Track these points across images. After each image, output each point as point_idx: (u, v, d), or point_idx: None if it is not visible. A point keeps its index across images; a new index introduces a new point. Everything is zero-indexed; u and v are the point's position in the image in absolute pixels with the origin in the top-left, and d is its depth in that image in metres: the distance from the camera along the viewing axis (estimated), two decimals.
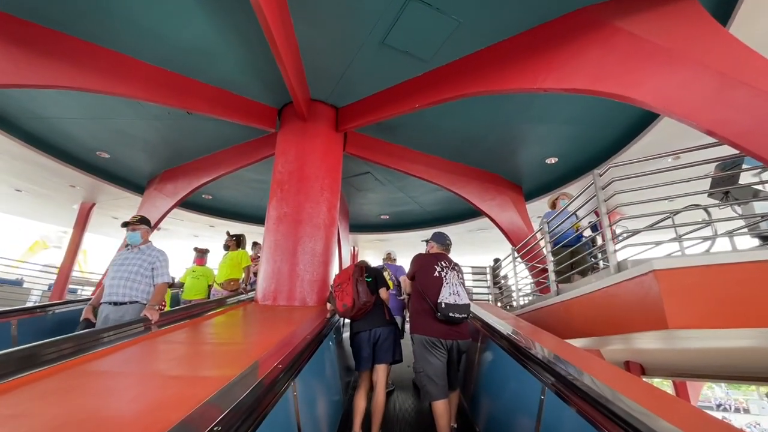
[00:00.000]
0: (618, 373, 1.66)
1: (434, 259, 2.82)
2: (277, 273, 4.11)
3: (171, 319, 2.65)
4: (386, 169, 7.22)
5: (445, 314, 2.50)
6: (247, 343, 2.33)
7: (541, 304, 4.77)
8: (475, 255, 14.52)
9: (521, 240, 6.65)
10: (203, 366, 1.79)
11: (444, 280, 2.64)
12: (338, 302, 2.89)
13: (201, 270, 5.55)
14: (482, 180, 6.93)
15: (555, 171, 6.98)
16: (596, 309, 3.30)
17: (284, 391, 1.48)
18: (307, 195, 4.45)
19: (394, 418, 3.13)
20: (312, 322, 2.76)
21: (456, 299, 2.55)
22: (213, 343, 2.31)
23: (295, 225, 4.29)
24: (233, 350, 2.13)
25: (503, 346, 2.42)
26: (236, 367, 1.56)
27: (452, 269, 2.76)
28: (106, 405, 1.30)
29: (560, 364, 1.65)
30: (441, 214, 9.86)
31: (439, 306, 2.53)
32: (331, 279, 4.62)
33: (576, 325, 3.70)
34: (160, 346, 2.10)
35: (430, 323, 2.59)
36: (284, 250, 4.20)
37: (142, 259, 2.99)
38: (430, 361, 2.52)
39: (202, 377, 1.59)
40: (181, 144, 6.46)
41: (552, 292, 4.45)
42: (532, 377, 1.85)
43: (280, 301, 3.98)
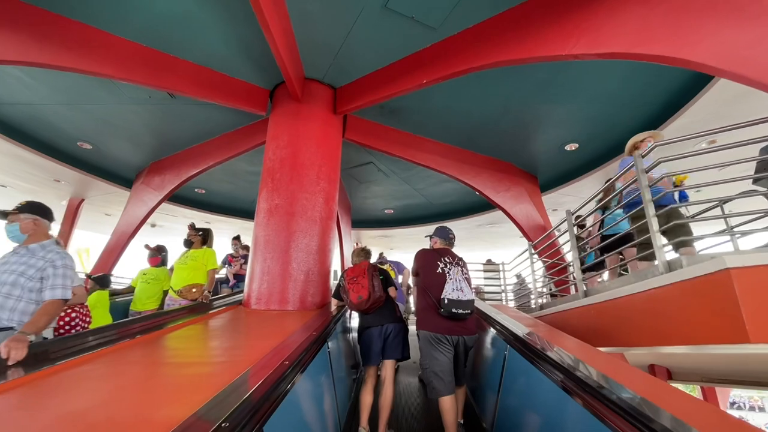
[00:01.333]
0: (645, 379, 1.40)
1: (437, 255, 2.76)
2: (267, 273, 3.67)
3: (125, 333, 2.21)
4: (390, 159, 6.76)
5: (448, 310, 2.49)
6: (219, 362, 1.89)
7: (564, 306, 4.29)
8: (485, 251, 14.05)
9: (538, 235, 6.17)
10: (154, 399, 1.35)
11: (447, 276, 2.61)
12: (352, 294, 2.86)
13: (154, 272, 4.39)
14: (495, 169, 6.44)
15: (574, 159, 6.46)
16: (638, 315, 2.82)
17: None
18: (301, 184, 4.00)
19: (400, 414, 3.13)
20: (305, 332, 2.32)
21: (459, 295, 2.52)
22: (177, 363, 1.87)
23: (287, 218, 3.85)
24: (201, 374, 1.69)
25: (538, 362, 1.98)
26: (197, 399, 1.13)
27: (456, 265, 2.71)
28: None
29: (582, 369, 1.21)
30: (449, 208, 9.37)
31: (442, 302, 2.51)
32: (331, 279, 4.19)
33: (610, 332, 3.23)
34: (99, 371, 1.66)
35: (434, 319, 2.57)
36: (275, 246, 3.75)
37: (28, 264, 2.02)
38: (436, 357, 2.51)
39: (146, 419, 1.16)
40: (167, 133, 6.03)
41: (578, 293, 3.98)
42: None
43: (270, 305, 3.55)
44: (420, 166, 5.85)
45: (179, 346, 2.16)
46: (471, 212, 9.11)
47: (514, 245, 13.01)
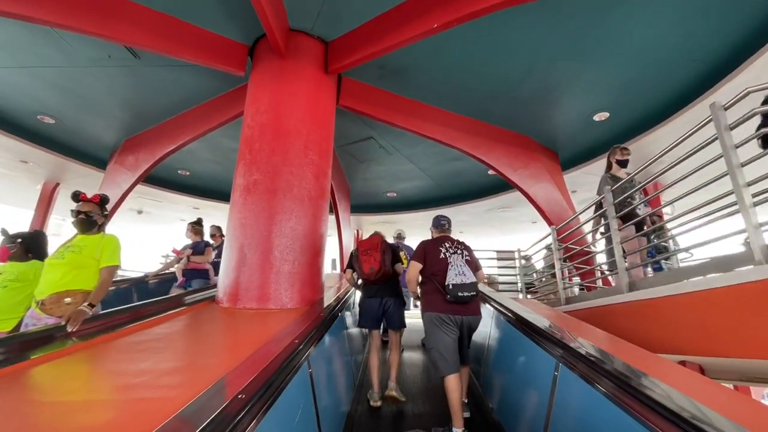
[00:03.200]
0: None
1: (437, 244, 2.90)
2: (243, 263, 3.04)
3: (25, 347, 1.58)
4: (393, 134, 6.06)
5: (454, 295, 2.60)
6: (133, 402, 1.26)
7: (600, 302, 3.67)
8: (492, 238, 13.43)
9: (560, 219, 5.52)
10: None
11: (449, 262, 2.74)
12: (365, 265, 3.11)
13: (14, 270, 2.61)
14: (511, 143, 5.73)
15: (603, 131, 5.74)
16: (723, 316, 2.19)
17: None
18: (285, 156, 3.34)
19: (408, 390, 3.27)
20: (281, 341, 1.70)
21: (462, 279, 2.65)
22: (65, 403, 1.25)
23: (268, 197, 3.19)
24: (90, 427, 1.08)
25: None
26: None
27: (455, 250, 2.85)
28: None
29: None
30: (456, 190, 8.68)
31: (447, 288, 2.62)
32: (329, 268, 3.58)
33: (672, 336, 2.61)
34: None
35: (440, 303, 2.68)
36: (254, 231, 3.11)
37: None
38: (440, 337, 2.61)
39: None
40: (136, 103, 5.34)
41: (620, 285, 3.34)
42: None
43: (247, 302, 2.93)
44: (426, 138, 5.16)
45: (90, 371, 1.54)
46: (481, 195, 8.43)
47: (524, 231, 12.38)
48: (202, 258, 4.80)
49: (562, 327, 2.05)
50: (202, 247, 4.89)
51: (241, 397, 1.14)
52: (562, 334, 1.80)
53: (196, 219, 5.17)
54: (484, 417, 2.68)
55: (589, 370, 1.50)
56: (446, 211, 9.55)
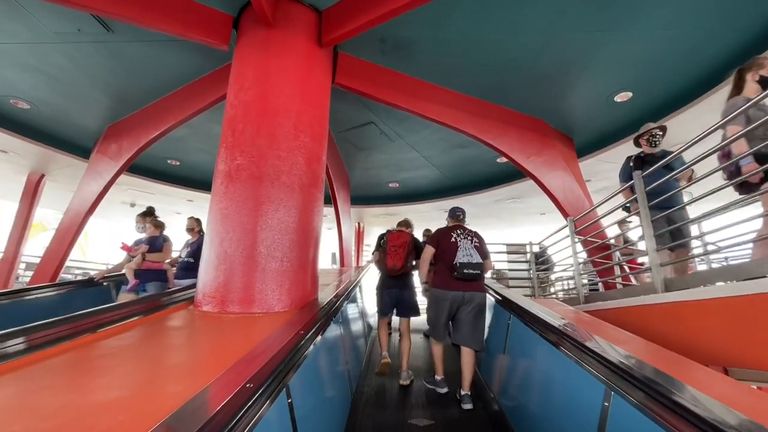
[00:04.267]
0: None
1: (450, 230, 3.35)
2: (223, 260, 2.68)
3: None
4: (395, 119, 5.66)
5: (460, 272, 3.04)
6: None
7: (628, 302, 3.30)
8: (499, 230, 13.06)
9: (576, 210, 5.13)
10: None
11: (459, 245, 3.17)
12: (389, 260, 3.65)
13: None
14: (523, 127, 5.32)
15: (624, 113, 5.31)
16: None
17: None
18: (272, 138, 2.95)
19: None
20: (257, 359, 1.34)
21: (469, 259, 3.09)
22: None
23: (253, 184, 2.82)
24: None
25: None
26: None
27: (466, 237, 3.26)
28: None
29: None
30: (462, 180, 8.28)
31: (455, 266, 3.07)
32: (318, 265, 3.22)
33: (723, 345, 2.24)
34: None
35: (447, 279, 3.12)
36: (235, 223, 2.75)
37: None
38: (437, 313, 3.14)
39: None
40: (116, 85, 4.94)
41: (655, 284, 2.96)
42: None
43: (227, 306, 2.57)
44: (431, 122, 4.75)
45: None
46: (489, 185, 8.03)
47: (533, 223, 12.00)
48: (160, 256, 4.21)
49: (608, 340, 1.68)
50: (160, 243, 4.29)
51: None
52: (615, 356, 1.43)
53: (147, 208, 4.59)
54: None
55: (658, 406, 1.13)
56: (452, 203, 9.17)
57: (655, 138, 3.63)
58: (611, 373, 1.36)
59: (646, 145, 3.70)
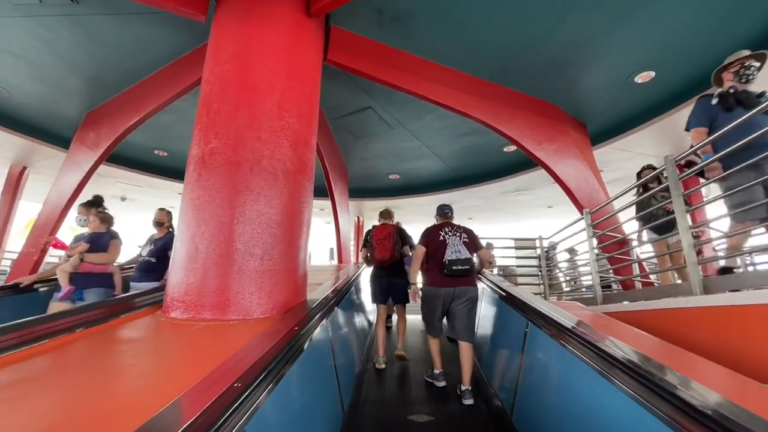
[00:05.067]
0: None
1: (438, 228, 3.46)
2: (194, 259, 2.33)
3: None
4: (394, 103, 5.28)
5: (449, 269, 3.16)
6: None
7: (658, 305, 2.95)
8: (503, 224, 12.68)
9: (591, 201, 4.77)
10: None
11: (447, 243, 3.30)
12: (377, 253, 3.95)
13: None
14: (534, 112, 4.93)
15: (645, 95, 4.91)
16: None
17: None
18: (251, 118, 2.59)
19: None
20: (216, 386, 1.01)
21: (458, 255, 3.21)
22: None
23: (229, 170, 2.46)
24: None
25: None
26: None
27: (454, 233, 3.38)
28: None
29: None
30: (467, 171, 7.89)
31: (445, 264, 3.19)
32: (307, 263, 2.88)
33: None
34: None
35: (438, 277, 3.25)
36: (209, 216, 2.40)
37: None
38: (431, 308, 3.27)
39: None
40: (89, 67, 4.57)
41: (691, 284, 2.60)
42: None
43: (199, 311, 2.22)
44: (434, 105, 4.36)
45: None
46: (495, 176, 7.65)
47: (539, 217, 11.63)
48: (104, 257, 3.41)
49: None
50: (105, 241, 3.49)
51: None
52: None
53: (93, 197, 3.80)
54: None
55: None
56: (456, 194, 8.80)
57: (749, 71, 2.70)
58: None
59: (733, 79, 2.76)
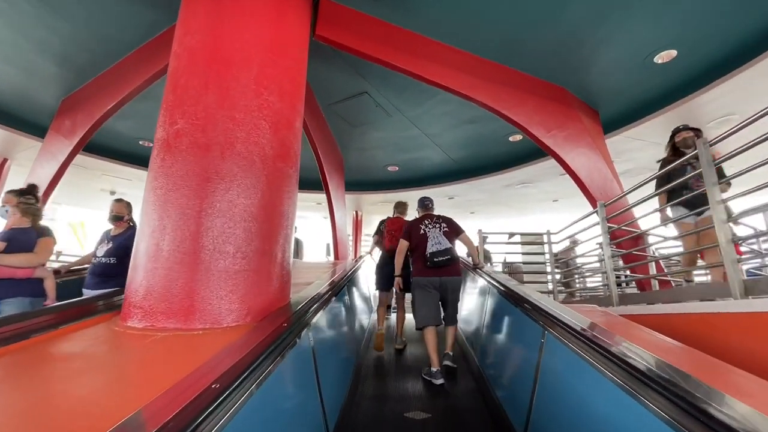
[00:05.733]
0: None
1: (418, 222, 3.64)
2: (154, 256, 2.02)
3: None
4: (392, 88, 4.94)
5: (432, 261, 3.35)
6: None
7: (689, 308, 2.64)
8: (507, 218, 12.36)
9: (604, 193, 4.45)
10: None
11: (428, 236, 3.48)
12: (387, 243, 4.39)
13: None
14: (543, 96, 4.59)
15: (666, 77, 4.55)
16: None
17: None
18: (223, 94, 2.27)
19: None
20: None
21: (438, 247, 3.39)
22: None
23: (196, 155, 2.14)
24: None
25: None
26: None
27: (434, 225, 3.55)
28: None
29: None
30: (470, 162, 7.55)
31: (427, 256, 3.37)
32: (290, 261, 2.58)
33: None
34: None
35: (422, 269, 3.44)
36: (172, 207, 2.08)
37: None
38: (421, 299, 3.40)
39: None
40: (62, 49, 4.23)
41: (731, 285, 2.28)
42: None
43: (159, 320, 1.91)
44: (434, 87, 4.02)
45: None
46: (500, 168, 7.31)
47: (544, 211, 11.31)
48: (28, 259, 2.80)
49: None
50: (30, 239, 2.88)
51: None
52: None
53: (27, 186, 3.24)
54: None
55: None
56: (459, 187, 8.46)
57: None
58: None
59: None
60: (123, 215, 3.34)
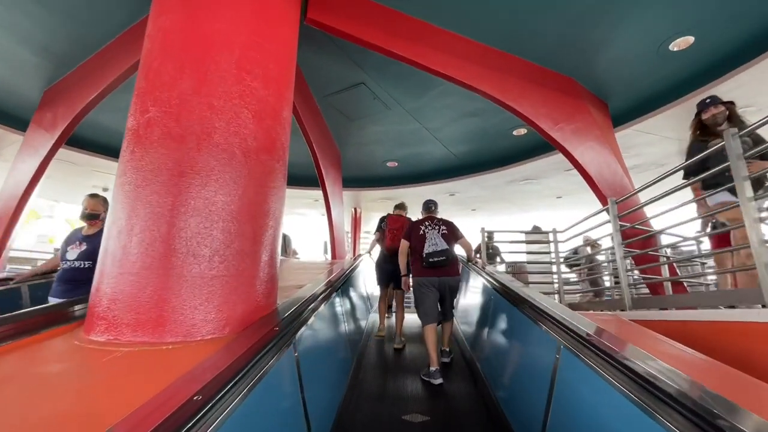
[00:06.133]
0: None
1: (419, 223, 3.81)
2: (121, 260, 1.81)
3: None
4: (390, 79, 4.72)
5: (428, 261, 3.51)
6: None
7: (711, 315, 2.43)
8: (508, 216, 12.12)
9: (614, 190, 4.23)
10: None
11: (426, 237, 3.63)
12: (389, 242, 4.44)
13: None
14: (551, 87, 4.36)
15: (681, 66, 4.31)
16: None
17: None
18: (200, 79, 2.04)
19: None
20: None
21: (434, 248, 3.54)
22: None
23: (169, 146, 1.92)
24: None
25: None
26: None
27: (434, 227, 3.71)
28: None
29: None
30: (472, 158, 7.31)
31: (424, 257, 3.54)
32: (277, 264, 2.37)
33: None
34: None
35: (420, 269, 3.62)
36: (142, 206, 1.86)
37: None
38: (421, 297, 3.56)
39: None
40: (41, 37, 4.01)
41: (764, 291, 2.07)
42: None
43: (125, 332, 1.70)
44: (436, 75, 3.78)
45: None
46: (503, 163, 7.08)
47: (547, 208, 11.08)
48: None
49: None
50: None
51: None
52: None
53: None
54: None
55: None
56: (460, 184, 8.23)
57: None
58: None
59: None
60: (99, 213, 3.07)
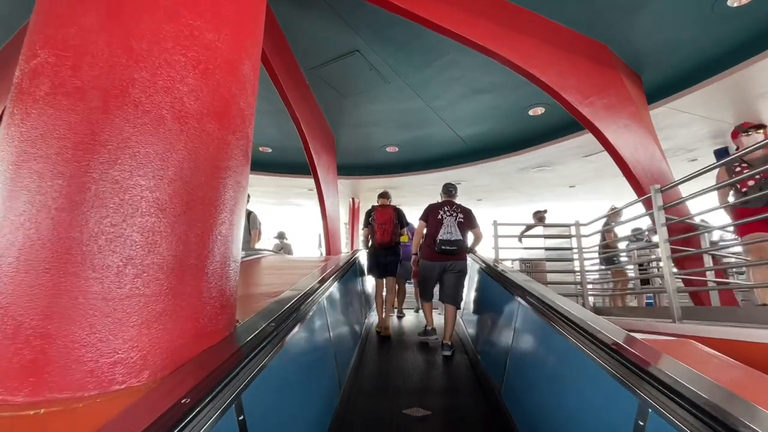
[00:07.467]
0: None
1: (438, 207, 4.01)
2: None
3: None
4: (388, 44, 4.10)
5: (439, 247, 3.81)
6: None
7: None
8: (515, 206, 11.56)
9: (651, 176, 3.67)
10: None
11: (443, 222, 3.86)
12: (378, 235, 4.55)
13: None
14: (580, 54, 3.76)
15: (733, 32, 3.71)
16: None
17: None
18: (114, 11, 1.45)
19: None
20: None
21: (449, 237, 3.80)
22: None
23: (62, 105, 1.34)
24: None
25: None
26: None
27: (452, 213, 3.92)
28: None
29: None
30: (481, 142, 6.71)
31: (436, 242, 3.82)
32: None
33: None
34: None
35: (431, 253, 3.92)
36: (19, 191, 1.29)
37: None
38: (425, 279, 4.03)
39: None
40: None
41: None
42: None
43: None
44: (444, 34, 3.18)
45: None
46: (515, 148, 6.48)
47: (558, 198, 10.52)
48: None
49: None
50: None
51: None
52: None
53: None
54: None
55: None
56: (468, 171, 7.62)
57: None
58: None
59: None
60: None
